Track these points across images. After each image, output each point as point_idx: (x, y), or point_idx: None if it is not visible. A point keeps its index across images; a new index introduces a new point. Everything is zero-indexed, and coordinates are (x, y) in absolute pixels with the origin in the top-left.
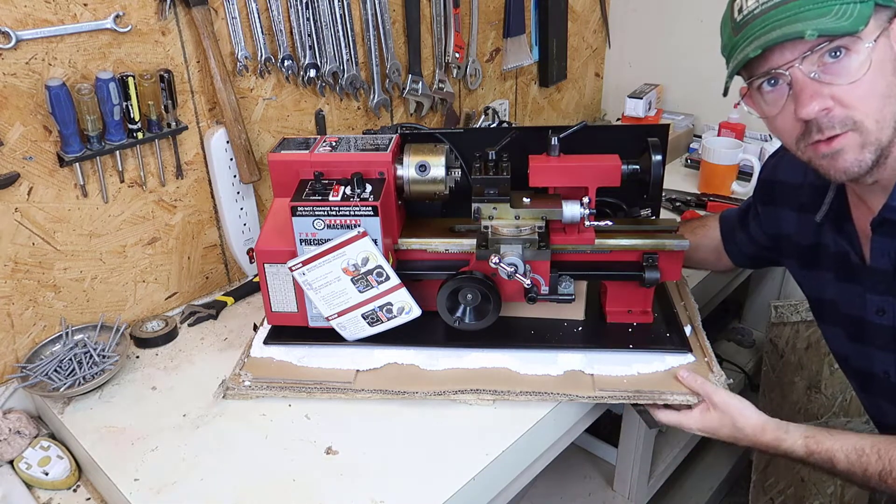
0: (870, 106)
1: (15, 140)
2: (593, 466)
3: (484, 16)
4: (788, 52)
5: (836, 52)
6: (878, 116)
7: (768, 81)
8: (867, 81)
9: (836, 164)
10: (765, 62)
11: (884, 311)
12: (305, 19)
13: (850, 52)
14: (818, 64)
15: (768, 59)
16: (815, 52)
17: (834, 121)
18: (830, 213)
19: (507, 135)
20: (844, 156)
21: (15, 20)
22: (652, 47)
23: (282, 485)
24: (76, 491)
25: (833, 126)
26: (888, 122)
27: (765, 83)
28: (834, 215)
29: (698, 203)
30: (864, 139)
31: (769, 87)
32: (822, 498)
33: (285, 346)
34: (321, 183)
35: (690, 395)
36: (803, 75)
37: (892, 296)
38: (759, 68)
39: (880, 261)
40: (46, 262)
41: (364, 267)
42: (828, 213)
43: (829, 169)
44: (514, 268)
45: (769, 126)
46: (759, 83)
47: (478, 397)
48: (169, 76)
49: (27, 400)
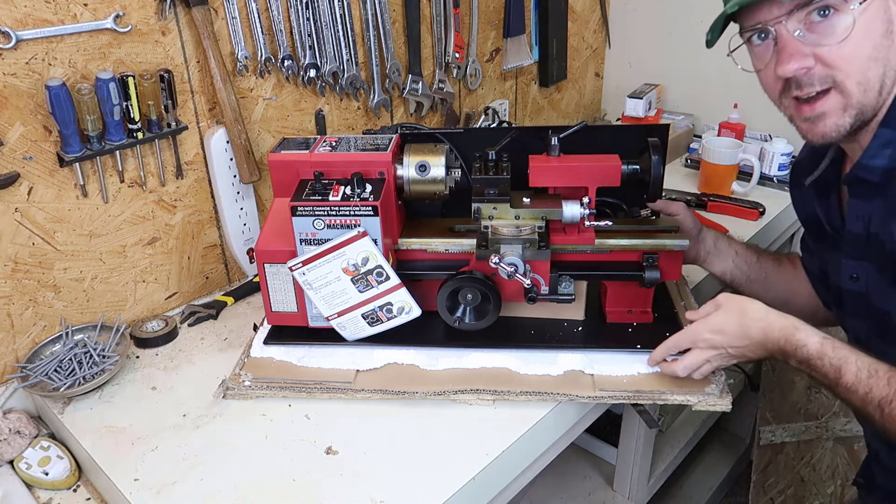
0: (853, 67)
1: (15, 140)
2: (593, 466)
3: (484, 16)
4: (776, 8)
5: (824, 11)
6: (860, 78)
7: (757, 35)
8: (852, 42)
9: (815, 128)
10: (753, 16)
11: (857, 276)
12: (305, 19)
13: (837, 12)
14: (805, 22)
15: (756, 13)
16: (802, 9)
17: (813, 78)
18: (820, 180)
19: (507, 135)
20: (825, 120)
21: (15, 20)
22: (652, 47)
23: (282, 485)
24: (76, 491)
25: (812, 83)
26: (872, 84)
27: (755, 36)
28: (822, 183)
29: (698, 203)
30: (846, 101)
31: (758, 40)
32: (822, 498)
33: (285, 346)
34: (321, 183)
35: (690, 395)
36: (788, 33)
37: (866, 261)
38: (748, 21)
39: (855, 224)
40: (46, 262)
41: (364, 267)
42: (817, 180)
43: (808, 132)
44: (514, 268)
45: (759, 79)
46: (749, 36)
47: (478, 397)
48: (169, 76)
49: (27, 400)
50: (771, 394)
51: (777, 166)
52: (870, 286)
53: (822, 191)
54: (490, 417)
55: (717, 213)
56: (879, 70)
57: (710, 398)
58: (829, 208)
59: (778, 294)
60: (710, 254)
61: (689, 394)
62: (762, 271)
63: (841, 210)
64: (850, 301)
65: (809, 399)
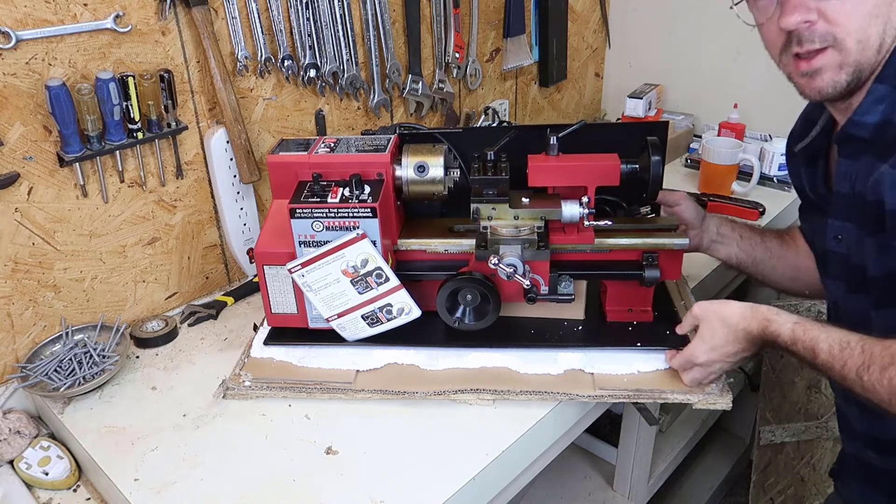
0: (854, 23)
1: (15, 140)
2: (593, 466)
3: (484, 16)
4: None
5: None
6: (860, 36)
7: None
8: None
9: (812, 82)
10: None
11: (840, 237)
12: (305, 19)
13: None
14: None
15: None
16: None
17: (814, 35)
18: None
19: (505, 134)
20: (822, 75)
21: (15, 20)
22: (652, 47)
23: (282, 485)
24: (76, 491)
25: (813, 40)
26: (871, 42)
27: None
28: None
29: (698, 203)
30: (843, 59)
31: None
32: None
33: (285, 346)
34: (320, 184)
35: (690, 394)
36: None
37: (850, 222)
38: None
39: (842, 184)
40: (46, 262)
41: (363, 268)
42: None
43: (805, 87)
44: (514, 268)
45: (760, 34)
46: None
47: (478, 397)
48: (169, 76)
49: (27, 400)
50: (771, 394)
51: (777, 166)
52: (850, 246)
53: (811, 157)
54: (490, 417)
55: (717, 213)
56: (879, 27)
57: (710, 397)
58: (815, 175)
59: (785, 271)
60: (713, 241)
61: (689, 393)
62: (767, 251)
63: (827, 176)
64: (833, 262)
65: (809, 399)
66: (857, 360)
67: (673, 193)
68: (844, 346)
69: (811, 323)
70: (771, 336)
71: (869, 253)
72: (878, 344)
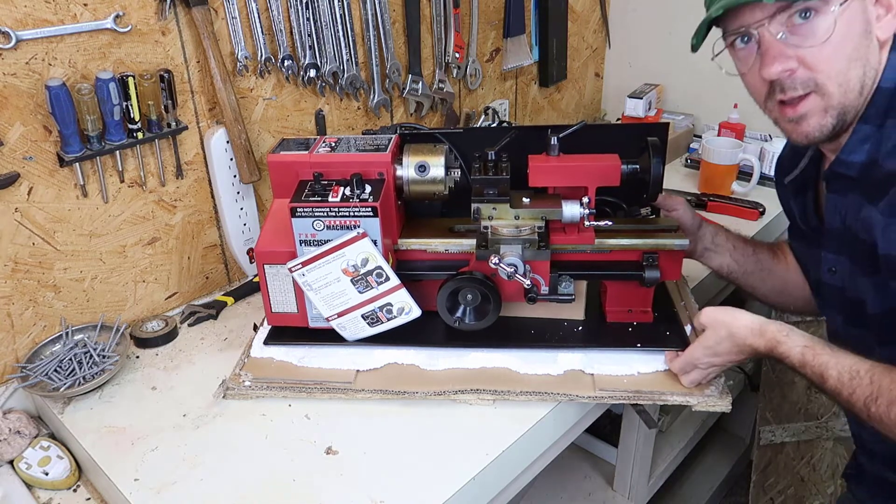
0: (833, 68)
1: (15, 140)
2: (593, 466)
3: (484, 16)
4: (759, 11)
5: (805, 13)
6: (841, 80)
7: (741, 39)
8: (833, 44)
9: (798, 128)
10: (736, 20)
11: (835, 270)
12: (305, 19)
13: (818, 14)
14: (787, 25)
15: (739, 17)
16: (784, 12)
17: (796, 82)
18: (798, 178)
19: (506, 135)
20: (808, 120)
21: (15, 20)
22: (652, 47)
23: (282, 485)
24: (76, 491)
25: (795, 87)
26: (853, 85)
27: (738, 40)
28: (800, 181)
29: (698, 203)
30: (827, 103)
31: (741, 44)
32: (821, 498)
33: (285, 346)
34: (320, 184)
35: (690, 396)
36: (770, 36)
37: (843, 255)
38: (731, 25)
39: (833, 219)
40: (46, 262)
41: (364, 268)
42: (796, 178)
43: (792, 132)
44: (514, 268)
45: (743, 82)
46: (732, 40)
47: (478, 397)
48: (169, 76)
49: (27, 400)
50: (771, 394)
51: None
52: (845, 279)
53: (800, 188)
54: (490, 417)
55: (717, 213)
56: (859, 70)
57: (709, 399)
58: (805, 205)
59: (774, 285)
60: (707, 249)
61: (688, 395)
62: (758, 263)
63: (817, 207)
64: (828, 293)
65: (809, 399)
66: (865, 391)
67: (671, 198)
68: (854, 375)
69: (822, 346)
70: (779, 356)
71: (866, 290)
72: (887, 375)
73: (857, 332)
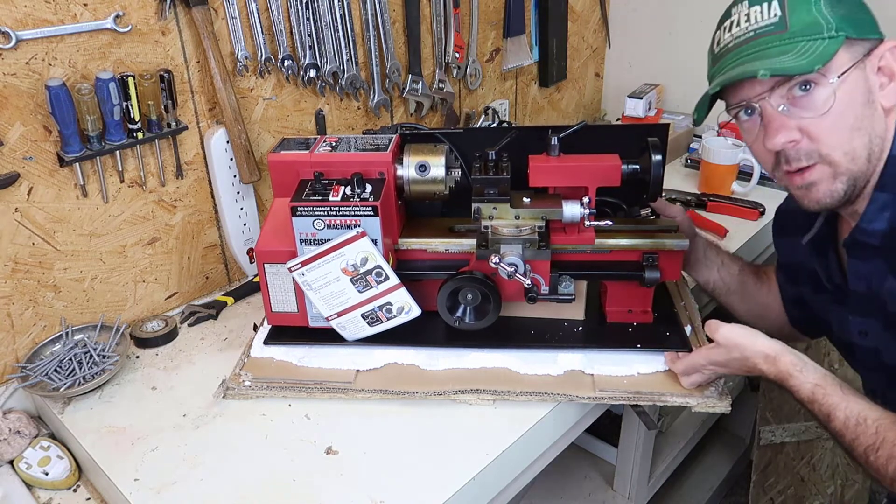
0: (836, 139)
1: (15, 140)
2: (593, 466)
3: (484, 16)
4: (759, 85)
5: (805, 86)
6: (846, 149)
7: (744, 111)
8: (833, 114)
9: (809, 194)
10: (737, 93)
11: (866, 332)
12: (305, 19)
13: (817, 86)
14: (787, 97)
15: (740, 91)
16: (783, 85)
17: (800, 153)
18: (816, 237)
19: (507, 135)
20: (817, 187)
21: (15, 20)
22: (652, 47)
23: (282, 485)
24: (76, 491)
25: (800, 158)
26: (859, 153)
27: (741, 112)
28: (819, 240)
29: (698, 203)
30: (835, 170)
31: (745, 115)
32: (822, 498)
33: (285, 346)
34: (321, 183)
35: (689, 397)
36: (772, 108)
37: (873, 318)
38: (733, 98)
39: (857, 284)
40: (46, 262)
41: (363, 267)
42: (814, 238)
43: (804, 199)
44: (514, 268)
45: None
46: (736, 112)
47: (478, 397)
48: (169, 76)
49: (27, 400)
50: (771, 394)
51: None
52: (879, 342)
53: (820, 248)
54: (490, 417)
55: (717, 213)
56: (864, 139)
57: (709, 400)
58: (829, 266)
59: (752, 307)
60: (698, 261)
61: (688, 396)
62: (741, 284)
63: (840, 267)
64: (863, 355)
65: None
66: (868, 440)
67: (671, 207)
68: (860, 422)
69: (833, 386)
70: (788, 388)
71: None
72: (893, 429)
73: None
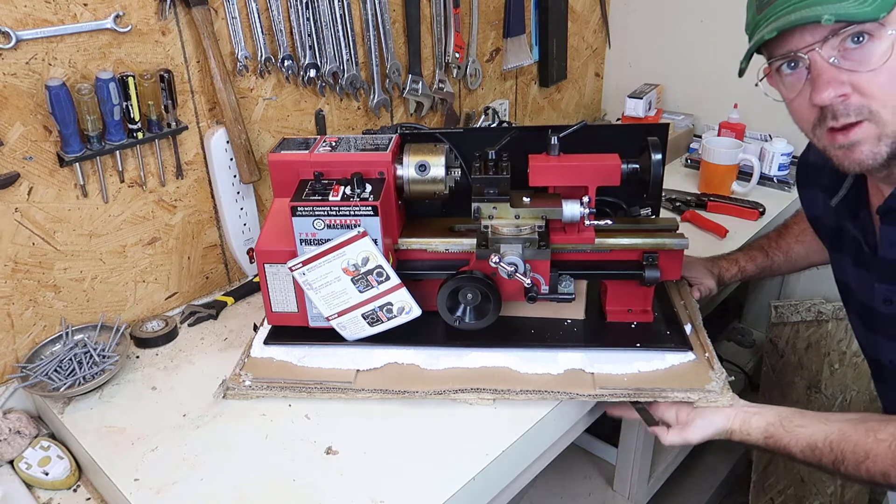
0: (889, 96)
1: (15, 140)
2: (593, 466)
3: (484, 16)
4: (809, 35)
5: (858, 38)
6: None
7: (788, 64)
8: (888, 70)
9: (850, 154)
10: (784, 44)
11: (891, 301)
12: (305, 19)
13: (872, 39)
14: (839, 49)
15: (788, 41)
16: (836, 36)
17: (850, 108)
18: (847, 198)
19: (507, 134)
20: (860, 147)
21: (15, 20)
22: (652, 47)
23: (282, 485)
24: (76, 491)
25: (848, 114)
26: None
27: (784, 65)
28: (850, 201)
29: (698, 203)
30: (881, 130)
31: (788, 69)
32: (822, 498)
33: (285, 346)
34: (321, 183)
35: (691, 393)
36: (822, 60)
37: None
38: (778, 49)
39: (888, 251)
40: (46, 262)
41: (364, 267)
42: (844, 199)
43: (844, 160)
44: (514, 267)
45: (788, 109)
46: (779, 65)
47: (478, 397)
48: (169, 76)
49: (27, 400)
50: (771, 394)
51: (777, 166)
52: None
53: (853, 210)
54: (490, 417)
55: (717, 213)
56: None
57: (711, 395)
58: (864, 228)
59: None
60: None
61: (690, 391)
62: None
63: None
64: (885, 323)
65: (809, 399)
66: (829, 458)
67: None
68: (813, 448)
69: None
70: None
71: None
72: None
73: None
